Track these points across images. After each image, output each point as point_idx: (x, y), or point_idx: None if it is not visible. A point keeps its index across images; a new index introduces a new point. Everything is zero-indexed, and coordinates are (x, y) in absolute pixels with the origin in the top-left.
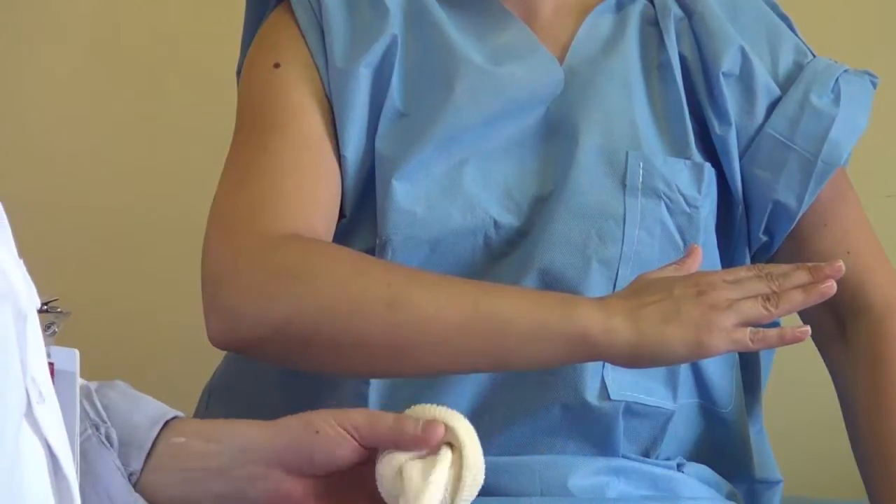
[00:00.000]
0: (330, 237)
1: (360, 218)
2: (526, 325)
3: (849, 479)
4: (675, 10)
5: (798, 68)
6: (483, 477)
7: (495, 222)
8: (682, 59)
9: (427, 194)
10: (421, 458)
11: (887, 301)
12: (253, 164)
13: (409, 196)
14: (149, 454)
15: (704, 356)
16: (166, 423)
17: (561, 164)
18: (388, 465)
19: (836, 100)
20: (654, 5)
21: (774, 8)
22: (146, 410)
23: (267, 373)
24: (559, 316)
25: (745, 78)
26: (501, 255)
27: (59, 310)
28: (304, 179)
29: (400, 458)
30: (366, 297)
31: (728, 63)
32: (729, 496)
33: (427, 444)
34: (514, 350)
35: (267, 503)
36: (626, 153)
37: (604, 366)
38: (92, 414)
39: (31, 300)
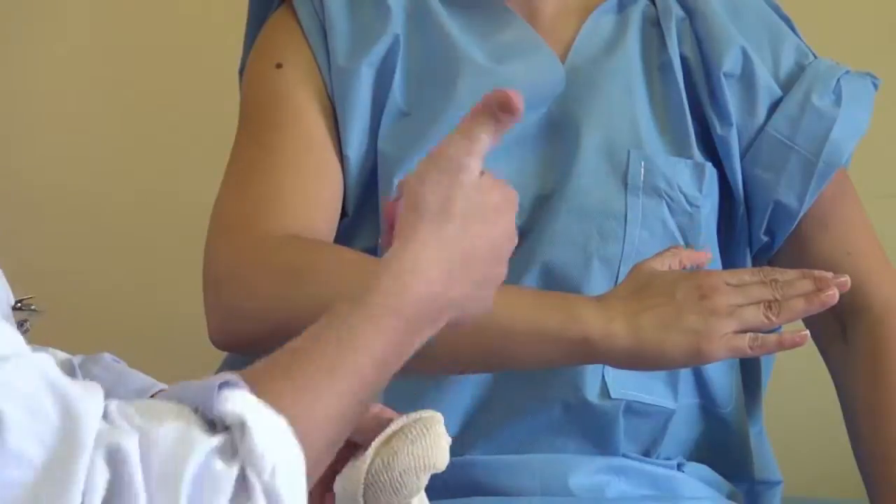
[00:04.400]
0: (331, 237)
1: (362, 217)
2: (525, 328)
3: (849, 479)
4: (677, 11)
5: (799, 69)
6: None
7: None
8: (684, 59)
9: None
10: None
11: (887, 301)
12: (255, 164)
13: None
14: None
15: (703, 363)
16: (151, 396)
17: (562, 162)
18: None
19: (838, 100)
20: (655, 6)
21: (776, 9)
22: (130, 384)
23: None
24: (559, 319)
25: (747, 78)
26: None
27: (32, 307)
28: (306, 179)
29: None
30: None
31: (729, 63)
32: (729, 496)
33: None
34: (513, 352)
35: None
36: (628, 152)
37: (604, 365)
38: None
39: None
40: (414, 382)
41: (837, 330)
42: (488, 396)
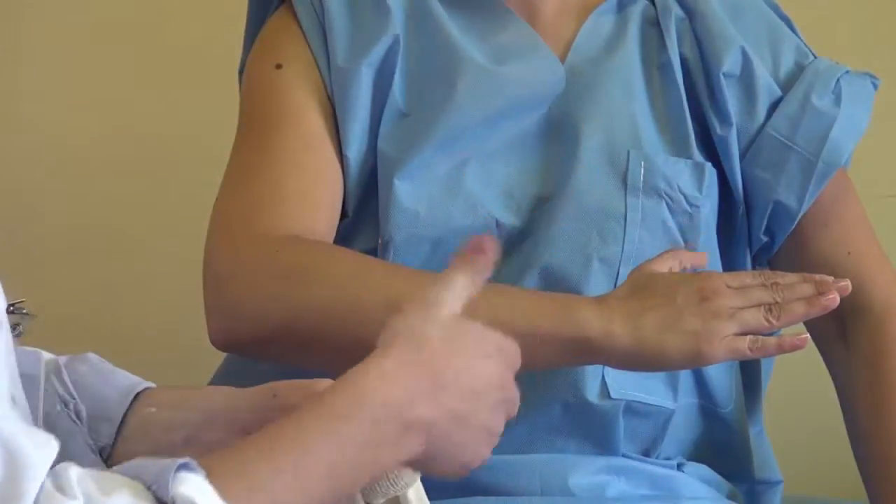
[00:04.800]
0: (331, 238)
1: (363, 217)
2: (525, 328)
3: (849, 479)
4: (677, 11)
5: (799, 69)
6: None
7: (497, 222)
8: (683, 59)
9: (429, 194)
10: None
11: (887, 301)
12: (254, 165)
13: (411, 195)
14: (120, 427)
15: (703, 365)
16: (137, 394)
17: (562, 163)
18: None
19: (837, 100)
20: (655, 6)
21: (775, 9)
22: (116, 383)
23: (267, 373)
24: (558, 320)
25: (746, 78)
26: (503, 255)
27: (24, 311)
28: (305, 180)
29: None
30: (365, 297)
31: (729, 63)
32: (729, 496)
33: None
34: None
35: None
36: (628, 152)
37: (604, 365)
38: (61, 390)
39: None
40: None
41: (838, 331)
42: None
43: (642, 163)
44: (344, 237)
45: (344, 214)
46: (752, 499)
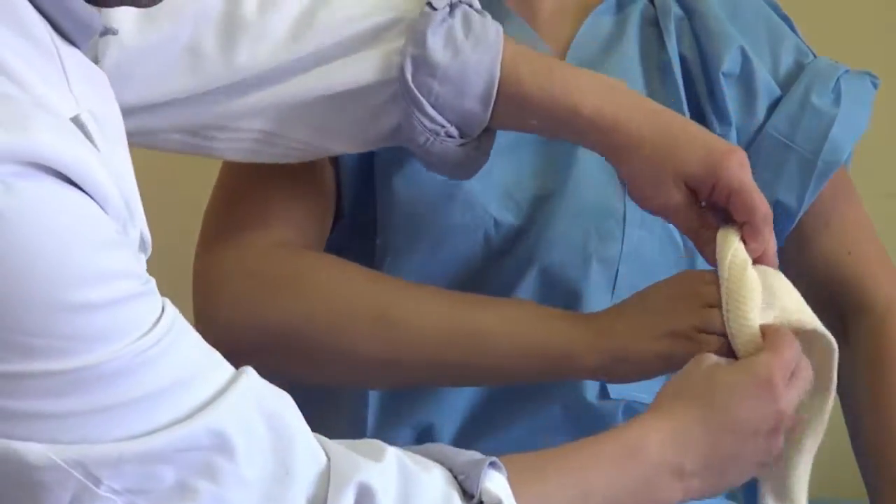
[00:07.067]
0: (321, 246)
1: (360, 219)
2: (507, 344)
3: (849, 479)
4: (676, 10)
5: (799, 68)
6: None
7: (495, 221)
8: (683, 59)
9: (427, 193)
10: None
11: (889, 301)
12: (244, 174)
13: (409, 195)
14: None
15: None
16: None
17: (561, 163)
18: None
19: (837, 100)
20: (654, 5)
21: (775, 8)
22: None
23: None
24: (542, 336)
25: (746, 78)
26: (501, 254)
27: None
28: (296, 188)
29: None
30: (351, 310)
31: (728, 63)
32: (729, 496)
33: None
34: (497, 367)
35: None
36: None
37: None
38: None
39: None
40: (414, 389)
41: (839, 329)
42: (488, 397)
43: None
44: (341, 238)
45: (340, 216)
46: (752, 499)
